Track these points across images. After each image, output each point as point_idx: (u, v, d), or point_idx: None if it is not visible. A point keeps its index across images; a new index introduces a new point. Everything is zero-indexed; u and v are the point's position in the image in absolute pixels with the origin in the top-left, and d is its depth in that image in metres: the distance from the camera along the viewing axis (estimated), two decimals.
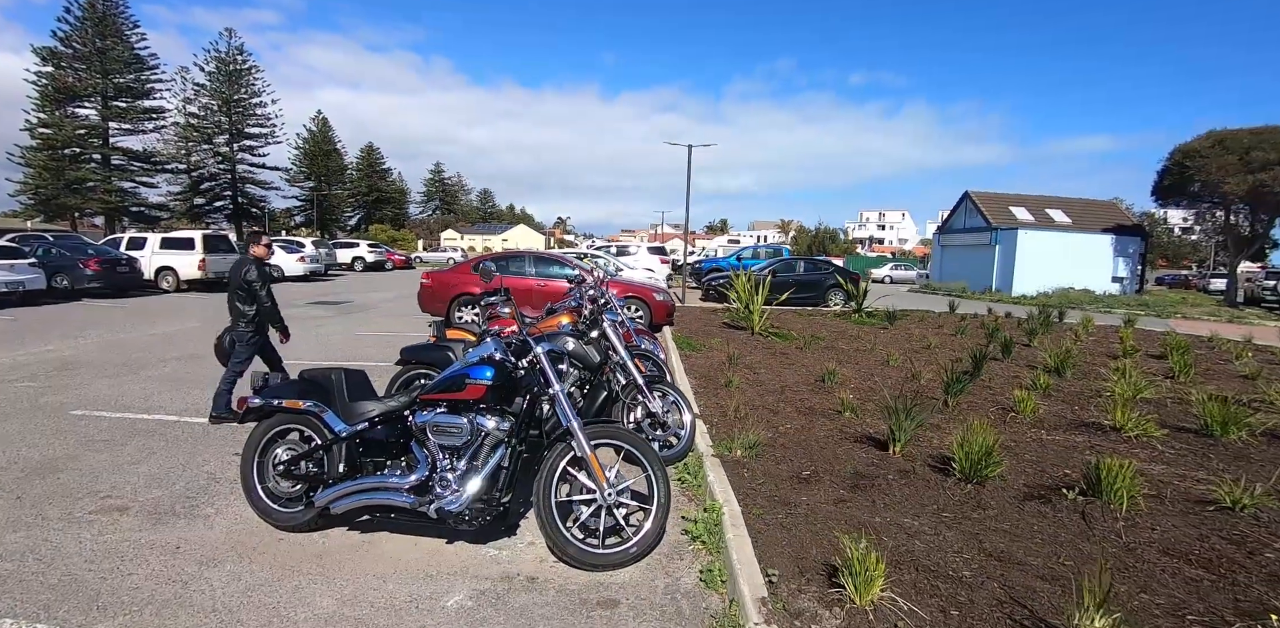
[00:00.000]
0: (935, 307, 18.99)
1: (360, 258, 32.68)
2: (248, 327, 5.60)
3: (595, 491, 3.01)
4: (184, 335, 10.57)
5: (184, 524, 3.53)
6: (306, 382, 3.42)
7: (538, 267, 11.88)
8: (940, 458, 4.49)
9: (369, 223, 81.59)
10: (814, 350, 9.49)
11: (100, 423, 5.49)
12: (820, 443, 4.81)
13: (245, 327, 5.60)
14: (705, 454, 4.29)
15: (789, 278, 18.09)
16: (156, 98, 50.02)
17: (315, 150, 72.60)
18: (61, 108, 46.08)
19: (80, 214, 50.02)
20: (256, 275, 5.55)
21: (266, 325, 5.75)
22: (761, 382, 7.07)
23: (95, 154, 47.66)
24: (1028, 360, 9.33)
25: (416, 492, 3.03)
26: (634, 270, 18.47)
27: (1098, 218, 32.84)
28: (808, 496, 3.75)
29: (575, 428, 3.00)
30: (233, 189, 59.52)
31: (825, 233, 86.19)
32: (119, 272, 16.78)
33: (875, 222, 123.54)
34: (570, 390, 4.44)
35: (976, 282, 30.31)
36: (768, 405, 5.97)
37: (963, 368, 8.45)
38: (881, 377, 7.61)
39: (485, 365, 3.02)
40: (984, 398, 6.64)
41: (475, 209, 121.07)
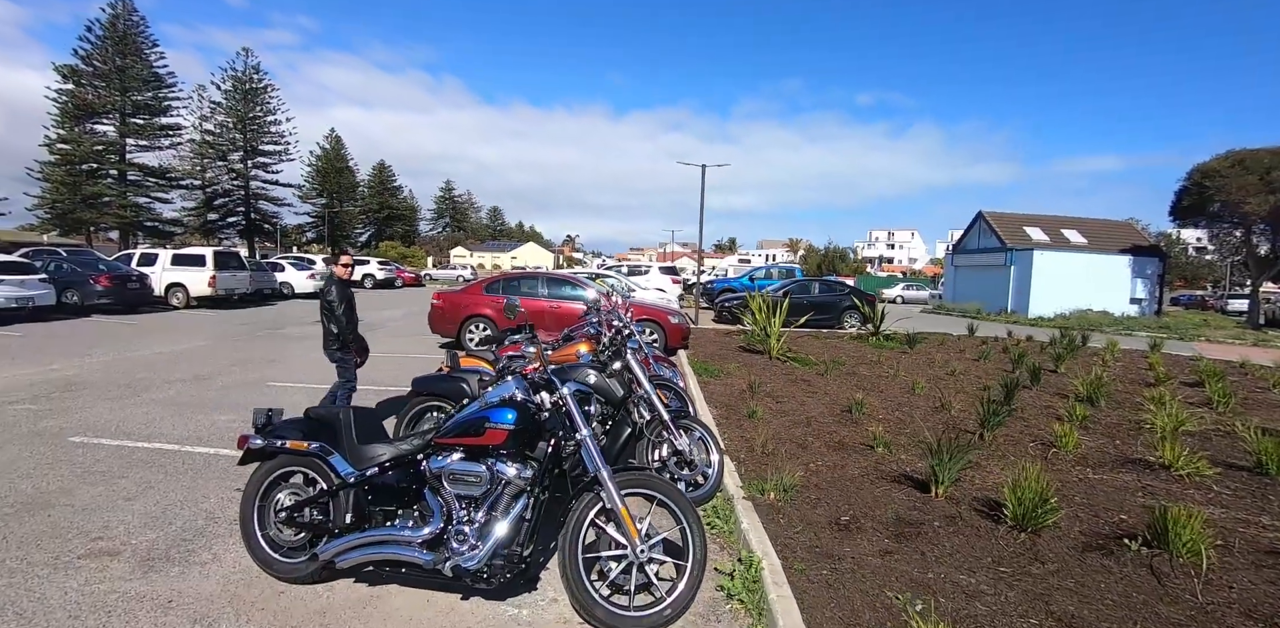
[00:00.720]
0: (952, 328, 18.65)
1: (370, 275, 32.64)
2: (333, 343, 5.82)
3: (626, 546, 2.74)
4: (190, 354, 10.39)
5: (178, 573, 3.27)
6: (312, 421, 3.18)
7: (550, 288, 11.66)
8: (987, 502, 4.19)
9: (380, 240, 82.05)
10: (835, 377, 9.19)
11: (98, 452, 5.26)
12: (856, 483, 4.51)
13: (332, 343, 5.82)
14: (736, 497, 4.00)
15: (804, 300, 17.81)
16: (173, 115, 50.81)
17: (328, 167, 73.31)
18: (80, 124, 46.77)
19: (96, 229, 50.49)
20: (336, 295, 5.70)
21: (348, 342, 5.89)
22: (785, 412, 6.78)
23: (112, 170, 48.23)
24: (1057, 388, 8.99)
25: (430, 546, 2.77)
26: (646, 291, 18.25)
27: (1114, 238, 32.47)
28: (851, 546, 3.46)
29: (605, 477, 2.74)
30: (246, 205, 60.04)
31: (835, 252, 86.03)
32: (129, 288, 16.70)
33: (885, 241, 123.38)
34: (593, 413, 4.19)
35: (991, 302, 29.93)
36: (795, 439, 5.68)
37: (991, 396, 8.14)
38: (909, 407, 7.30)
39: (506, 408, 2.77)
40: (1019, 430, 6.33)
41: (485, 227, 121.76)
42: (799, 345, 12.67)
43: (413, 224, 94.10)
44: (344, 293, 5.78)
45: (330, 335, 5.79)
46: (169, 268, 18.65)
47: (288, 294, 23.32)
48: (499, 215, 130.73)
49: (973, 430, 6.20)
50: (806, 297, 18.41)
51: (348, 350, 5.90)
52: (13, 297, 14.07)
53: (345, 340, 5.82)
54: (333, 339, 5.79)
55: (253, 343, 12.13)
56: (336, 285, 5.76)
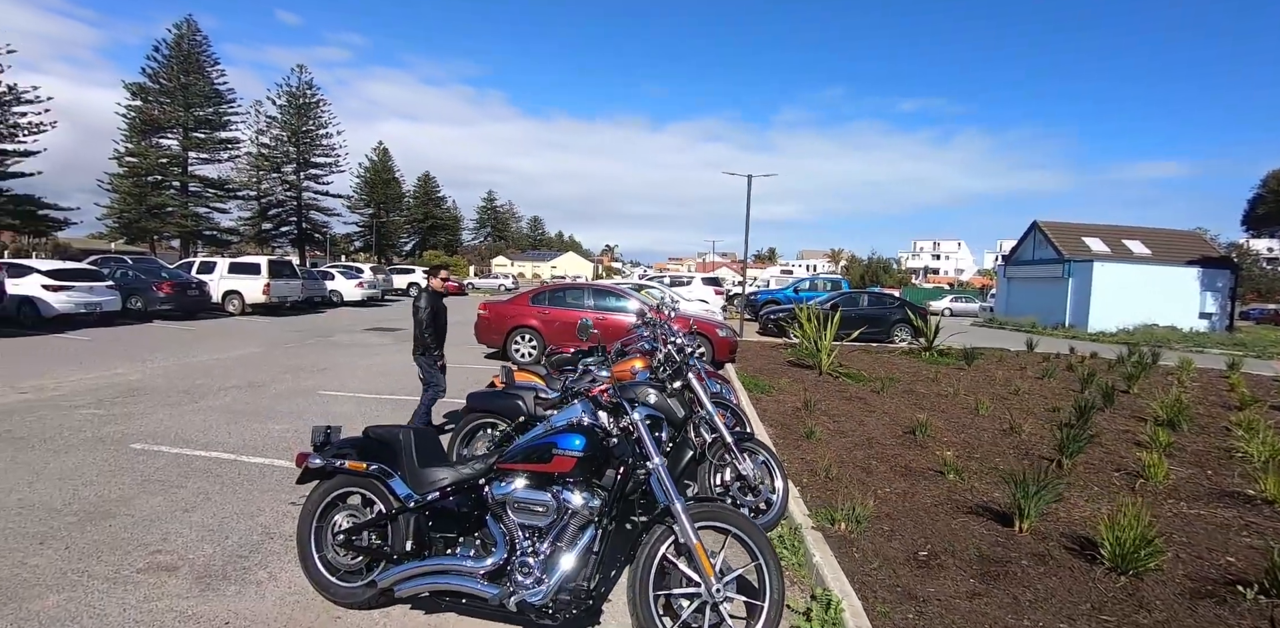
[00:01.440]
0: (1006, 343, 17.93)
1: (416, 284, 33.24)
2: (419, 349, 6.18)
3: (700, 584, 2.56)
4: (245, 361, 10.61)
5: (234, 592, 3.21)
6: (372, 440, 3.09)
7: (596, 299, 11.58)
8: (1077, 538, 3.87)
9: (424, 249, 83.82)
10: (892, 395, 8.85)
11: (158, 460, 5.32)
12: (930, 514, 4.24)
13: (418, 349, 6.18)
14: (804, 526, 3.78)
15: (853, 312, 17.34)
16: (232, 129, 52.90)
17: (375, 179, 75.32)
18: (146, 138, 49.07)
19: (159, 237, 52.77)
20: (425, 303, 6.13)
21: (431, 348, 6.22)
22: (844, 432, 6.51)
23: (175, 181, 50.42)
24: (1132, 410, 8.48)
25: (493, 577, 2.64)
26: (689, 303, 18.05)
27: (1181, 249, 30.96)
28: (934, 586, 3.20)
29: (679, 510, 2.57)
30: (298, 215, 62.02)
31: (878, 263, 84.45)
32: (189, 295, 17.27)
33: (929, 251, 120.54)
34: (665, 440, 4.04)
35: (1047, 316, 28.79)
36: (858, 462, 5.42)
37: (1062, 418, 7.71)
38: (975, 428, 6.94)
39: (574, 433, 2.63)
40: (1099, 457, 5.93)
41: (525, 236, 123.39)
42: (849, 360, 12.31)
43: (455, 233, 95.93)
44: (433, 303, 6.22)
45: (421, 342, 6.18)
46: (226, 276, 19.25)
47: (337, 302, 23.85)
48: (539, 225, 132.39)
49: (1048, 456, 5.83)
50: (855, 309, 17.95)
51: (430, 357, 6.22)
52: (82, 302, 14.66)
53: (426, 345, 6.19)
54: (422, 345, 6.19)
55: (304, 350, 12.34)
56: (428, 296, 6.21)
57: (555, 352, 7.03)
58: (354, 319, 19.55)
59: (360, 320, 19.24)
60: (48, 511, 4.18)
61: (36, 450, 5.44)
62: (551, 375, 5.49)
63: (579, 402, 2.83)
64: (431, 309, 6.16)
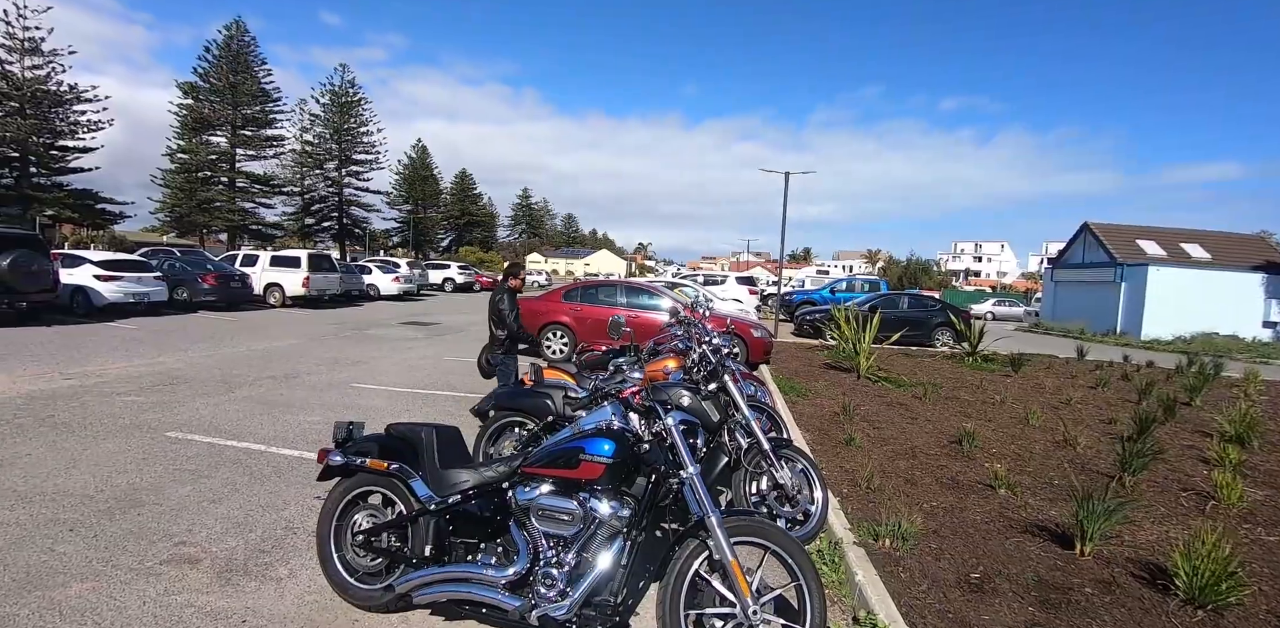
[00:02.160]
0: (1054, 349, 17.25)
1: (450, 279, 33.60)
2: (499, 348, 6.22)
3: (735, 603, 2.37)
4: (282, 352, 10.73)
5: (254, 588, 3.14)
6: (394, 438, 2.98)
7: (629, 297, 11.43)
8: (1145, 564, 3.56)
9: (460, 245, 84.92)
10: (935, 401, 8.49)
11: (190, 448, 5.33)
12: (981, 532, 3.96)
13: (498, 348, 6.22)
14: (845, 541, 3.55)
15: (892, 315, 16.87)
16: (278, 127, 54.17)
17: (414, 176, 76.52)
18: (197, 135, 50.60)
19: (208, 231, 54.40)
20: (508, 304, 6.21)
21: (515, 345, 6.34)
22: (885, 439, 6.23)
23: (223, 177, 51.91)
24: (1195, 424, 7.98)
25: (514, 588, 2.49)
26: (723, 302, 17.78)
27: (1243, 253, 29.48)
28: (989, 613, 2.96)
29: (714, 523, 2.39)
30: (339, 210, 63.32)
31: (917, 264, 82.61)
32: (232, 287, 17.66)
33: (971, 253, 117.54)
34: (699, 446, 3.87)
35: (1097, 322, 27.69)
36: (901, 473, 5.15)
37: (1119, 431, 7.29)
38: (1025, 440, 6.58)
39: (604, 438, 2.46)
40: (1162, 475, 5.54)
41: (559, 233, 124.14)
42: (888, 364, 11.92)
43: (491, 230, 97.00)
44: (514, 302, 6.29)
45: (498, 341, 6.20)
46: (268, 269, 19.66)
47: (374, 296, 24.18)
48: (573, 223, 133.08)
49: (1107, 472, 5.47)
50: (895, 311, 17.46)
51: (511, 355, 6.30)
52: (130, 292, 15.09)
53: (516, 341, 6.29)
54: (499, 344, 6.20)
55: (340, 343, 12.47)
56: (508, 295, 6.28)
57: (586, 349, 6.89)
58: (390, 313, 19.77)
59: (396, 314, 19.45)
60: (81, 497, 4.19)
61: (76, 436, 5.51)
62: (582, 374, 5.35)
63: (609, 404, 2.66)
64: (515, 309, 6.30)
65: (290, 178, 60.02)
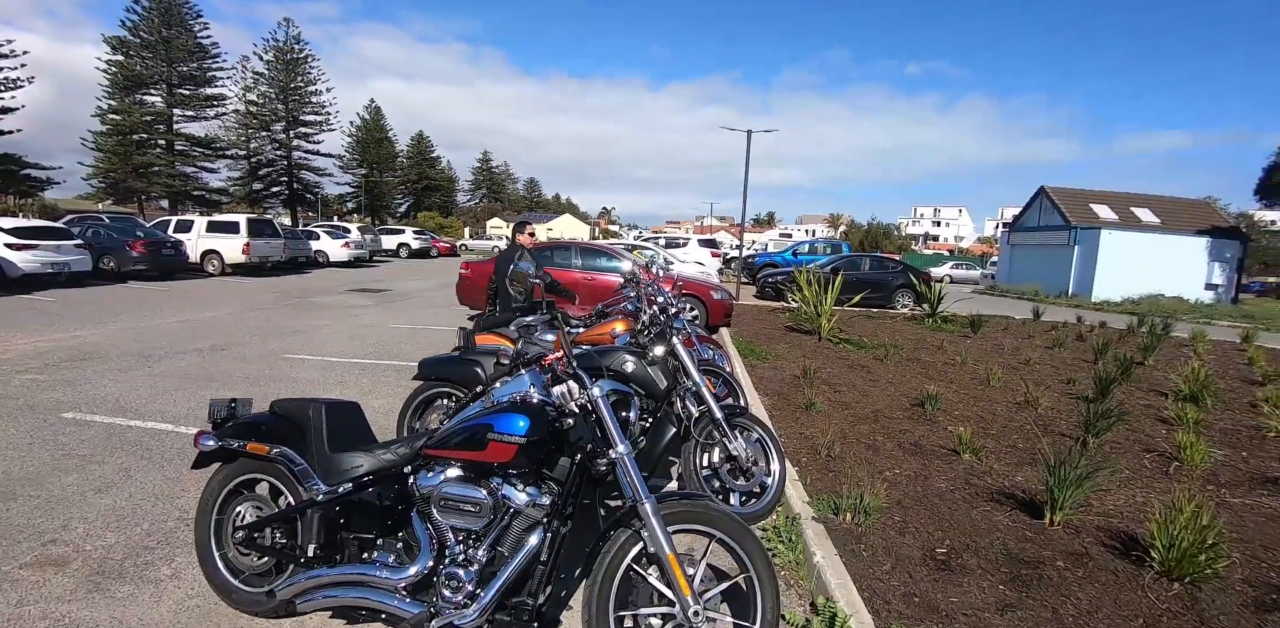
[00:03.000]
0: (1010, 311, 17.40)
1: (405, 244, 32.45)
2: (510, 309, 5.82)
3: (673, 602, 2.04)
4: (215, 323, 10.03)
5: (127, 593, 2.70)
6: (279, 417, 2.53)
7: (585, 259, 10.94)
8: (1115, 533, 3.37)
9: (418, 210, 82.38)
10: (896, 363, 8.32)
11: (87, 430, 4.79)
12: (947, 501, 3.73)
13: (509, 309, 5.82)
14: (804, 516, 3.26)
15: (854, 276, 16.72)
16: (218, 86, 51.03)
17: (367, 138, 73.40)
18: (129, 95, 47.34)
19: (146, 198, 51.44)
20: (530, 261, 6.17)
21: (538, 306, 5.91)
22: (847, 404, 5.98)
23: (160, 140, 48.89)
24: (1150, 383, 7.98)
25: (415, 591, 2.11)
26: (684, 264, 17.41)
27: (1189, 218, 30.19)
28: (958, 594, 2.70)
29: (648, 511, 2.03)
30: (289, 175, 60.61)
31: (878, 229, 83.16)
32: (164, 254, 16.57)
33: (930, 218, 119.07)
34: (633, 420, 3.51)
35: (1050, 284, 28.19)
36: (862, 439, 4.90)
37: (1078, 390, 7.22)
38: (987, 401, 6.43)
39: (517, 413, 2.06)
40: (1124, 436, 5.42)
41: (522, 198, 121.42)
42: (850, 326, 11.77)
43: (451, 195, 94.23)
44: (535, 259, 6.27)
45: (516, 302, 5.93)
46: (204, 235, 18.52)
47: (323, 262, 23.13)
48: (536, 187, 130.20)
49: (1070, 434, 5.33)
50: (857, 273, 17.33)
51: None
52: (49, 262, 13.97)
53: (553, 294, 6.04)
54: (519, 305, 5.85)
55: (279, 312, 11.76)
56: (526, 251, 6.27)
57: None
58: (338, 280, 18.90)
59: (345, 281, 18.60)
60: None
61: None
62: (525, 338, 4.93)
63: (527, 372, 2.26)
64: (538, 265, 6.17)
65: (234, 140, 56.95)
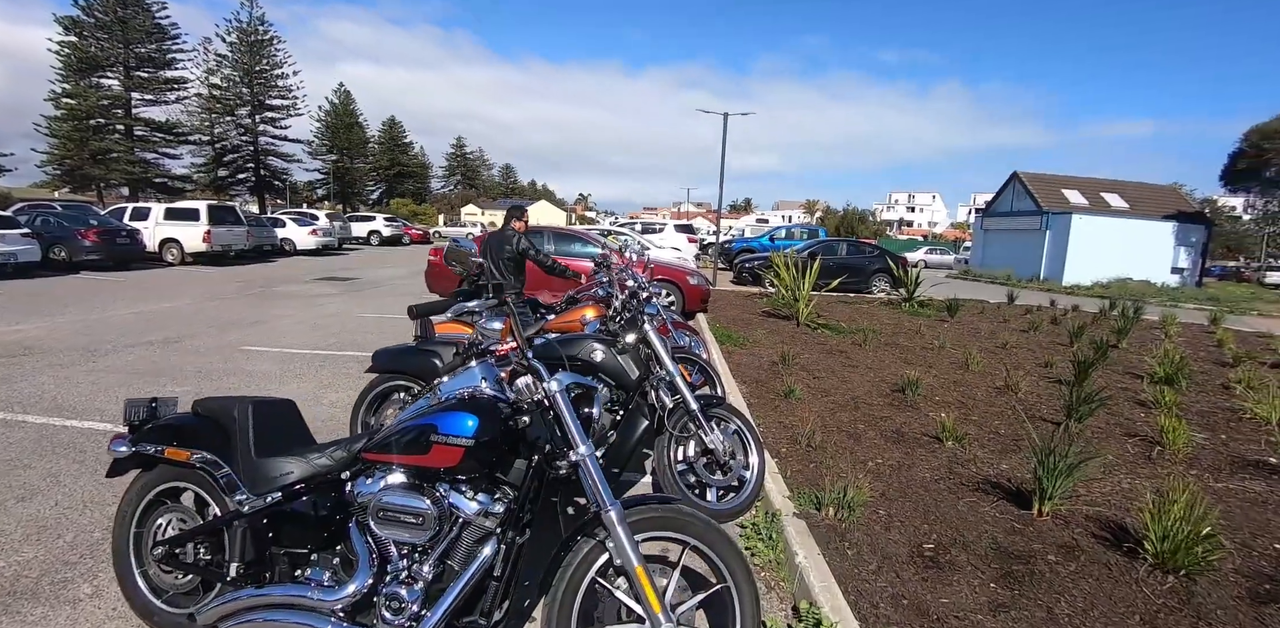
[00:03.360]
0: (984, 295, 17.49)
1: (376, 232, 31.68)
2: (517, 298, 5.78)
3: (644, 618, 1.84)
4: (170, 314, 9.58)
5: (39, 617, 2.43)
6: (202, 418, 2.27)
7: (557, 244, 10.66)
8: (1106, 523, 3.24)
9: (391, 197, 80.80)
10: (874, 348, 8.21)
11: (17, 432, 4.44)
12: (931, 492, 3.58)
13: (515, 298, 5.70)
14: (784, 512, 3.09)
15: (831, 261, 16.67)
16: (179, 68, 49.16)
17: (337, 123, 71.57)
18: (84, 77, 45.43)
19: (105, 185, 49.61)
20: (528, 244, 6.29)
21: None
22: (826, 390, 5.83)
23: (118, 125, 47.06)
24: (1125, 366, 7.97)
25: (354, 614, 1.88)
26: (661, 250, 17.17)
27: (1157, 203, 30.67)
28: (948, 594, 2.54)
29: (614, 519, 1.82)
30: (255, 161, 59.01)
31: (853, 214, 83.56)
32: (119, 243, 15.88)
33: (905, 204, 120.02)
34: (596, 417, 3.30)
35: (1023, 269, 28.50)
36: (843, 427, 4.74)
37: (1056, 373, 7.17)
38: (967, 386, 6.33)
39: (464, 412, 1.83)
40: (1104, 419, 5.35)
41: (497, 184, 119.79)
42: (828, 311, 11.67)
43: (424, 182, 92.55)
44: (532, 241, 6.37)
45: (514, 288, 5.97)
46: (162, 222, 17.79)
47: (290, 251, 22.45)
48: (511, 173, 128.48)
49: (1051, 418, 5.24)
50: (834, 258, 17.27)
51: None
52: None
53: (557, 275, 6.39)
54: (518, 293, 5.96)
55: (241, 302, 11.32)
56: (524, 237, 6.31)
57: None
58: (305, 268, 18.34)
59: (312, 270, 18.05)
60: None
61: None
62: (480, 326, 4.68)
63: (478, 365, 2.02)
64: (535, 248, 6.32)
65: (198, 125, 55.11)
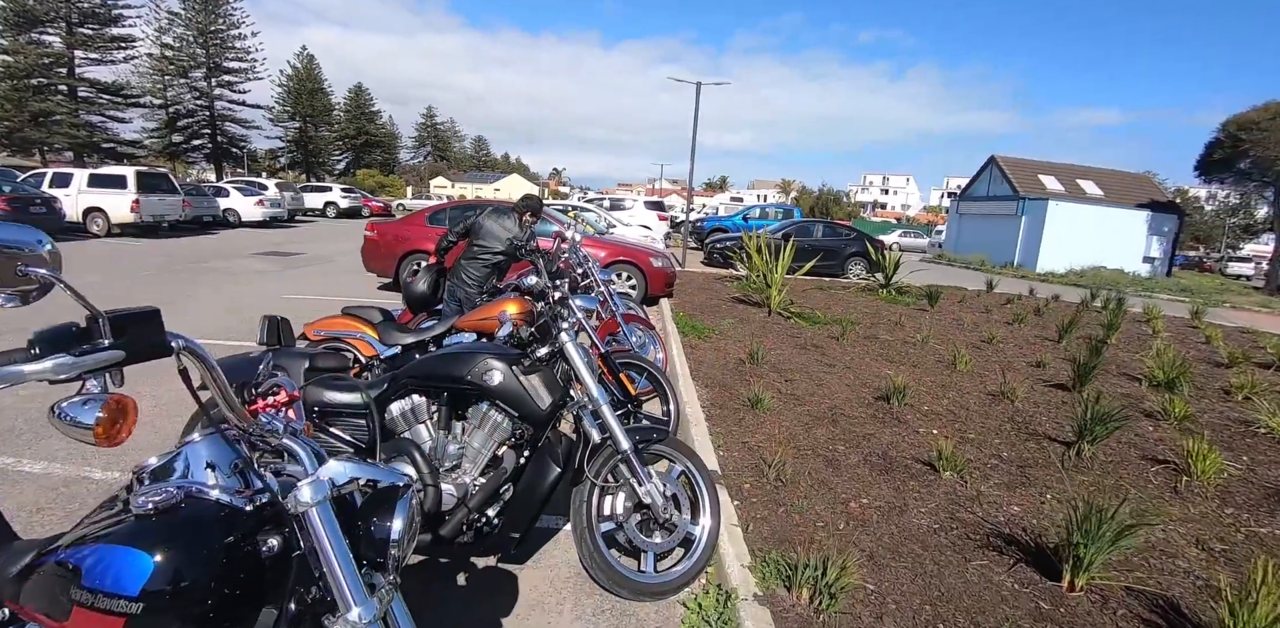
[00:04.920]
0: (961, 281, 16.97)
1: (333, 204, 30.03)
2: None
3: None
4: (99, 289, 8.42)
5: None
6: None
7: None
8: (1154, 603, 2.51)
9: (357, 168, 78.00)
10: (853, 342, 7.47)
11: None
12: (932, 551, 2.82)
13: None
14: (743, 593, 2.29)
15: (805, 243, 15.88)
16: (126, 25, 46.05)
17: (300, 88, 68.39)
18: (23, 33, 42.32)
19: (48, 149, 46.63)
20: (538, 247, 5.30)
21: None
22: (799, 397, 5.05)
23: (61, 85, 44.07)
24: (1119, 366, 7.36)
25: None
26: (628, 227, 16.22)
27: (1131, 192, 30.46)
28: None
29: None
30: (212, 127, 56.22)
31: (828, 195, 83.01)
32: (32, 212, 14.39)
33: (879, 186, 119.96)
34: (489, 451, 2.48)
35: (997, 254, 28.14)
36: (820, 448, 3.97)
37: (1051, 375, 6.52)
38: (957, 391, 5.61)
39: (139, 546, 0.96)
40: (1115, 437, 4.67)
41: (469, 157, 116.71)
42: (802, 297, 10.93)
43: (392, 152, 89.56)
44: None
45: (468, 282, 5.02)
46: (85, 190, 16.26)
47: (234, 222, 20.95)
48: (484, 146, 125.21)
49: (1055, 434, 4.54)
50: (809, 240, 16.49)
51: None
52: None
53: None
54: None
55: (159, 280, 10.17)
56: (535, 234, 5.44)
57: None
58: (247, 242, 17.02)
59: (254, 244, 16.74)
60: None
61: None
62: (387, 327, 3.78)
63: (203, 439, 1.16)
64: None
65: (149, 88, 52.16)
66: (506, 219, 5.22)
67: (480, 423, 2.47)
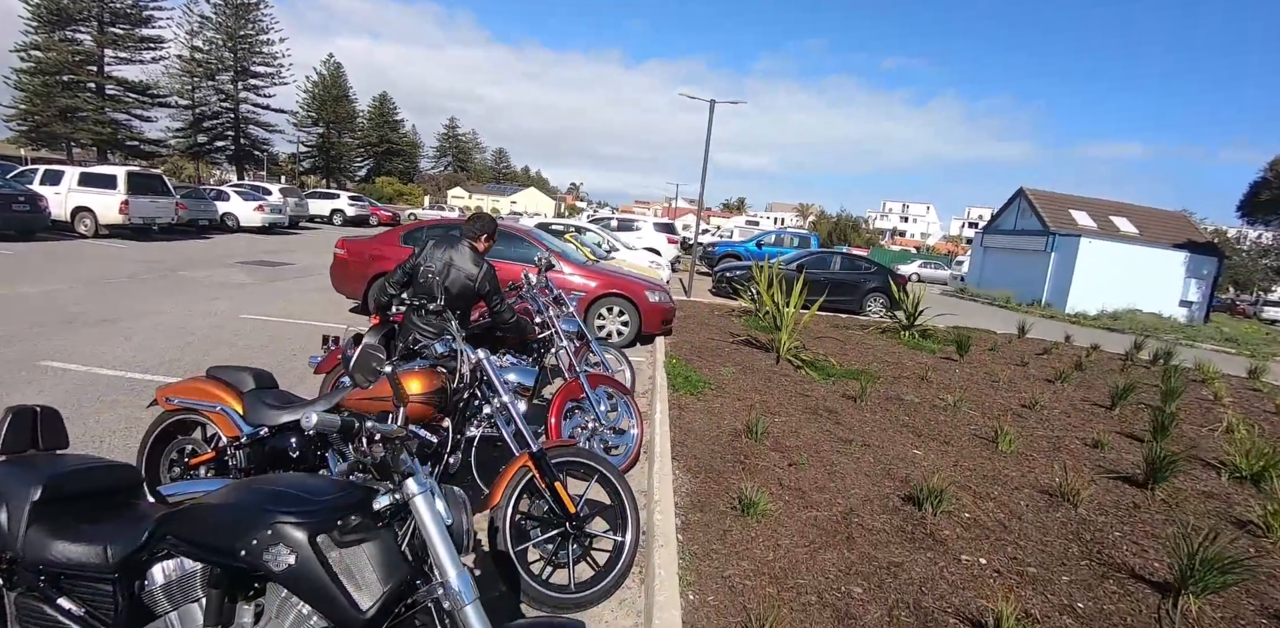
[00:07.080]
0: (987, 319, 15.87)
1: (340, 211, 29.42)
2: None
3: None
4: (10, 305, 7.64)
5: None
6: None
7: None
8: None
9: (378, 174, 78.26)
10: (874, 404, 6.42)
11: None
12: None
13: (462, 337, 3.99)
14: None
15: (820, 276, 14.85)
16: (156, 26, 46.67)
17: (325, 95, 69.01)
18: (56, 30, 42.92)
19: (73, 144, 46.97)
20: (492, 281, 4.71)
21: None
22: (805, 493, 4.02)
23: (89, 82, 44.51)
24: (1187, 442, 6.25)
25: None
26: (633, 251, 15.26)
27: (1167, 231, 29.11)
28: None
29: None
30: (236, 129, 56.67)
31: (847, 221, 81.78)
32: (15, 210, 13.78)
33: (898, 213, 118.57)
34: None
35: (1024, 291, 26.86)
36: (828, 591, 2.94)
37: (1114, 462, 5.42)
38: (1002, 484, 4.55)
39: None
40: None
41: (489, 168, 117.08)
42: (815, 340, 9.89)
43: (413, 161, 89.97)
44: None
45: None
46: (75, 189, 15.67)
47: (232, 227, 20.32)
48: (504, 158, 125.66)
49: (1142, 569, 3.47)
50: (824, 272, 15.43)
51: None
52: None
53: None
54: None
55: (125, 289, 9.38)
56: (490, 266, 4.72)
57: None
58: (239, 249, 16.31)
59: (246, 251, 16.02)
60: None
61: None
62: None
63: None
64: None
65: (176, 88, 52.71)
66: (455, 252, 4.10)
67: (279, 614, 1.52)
